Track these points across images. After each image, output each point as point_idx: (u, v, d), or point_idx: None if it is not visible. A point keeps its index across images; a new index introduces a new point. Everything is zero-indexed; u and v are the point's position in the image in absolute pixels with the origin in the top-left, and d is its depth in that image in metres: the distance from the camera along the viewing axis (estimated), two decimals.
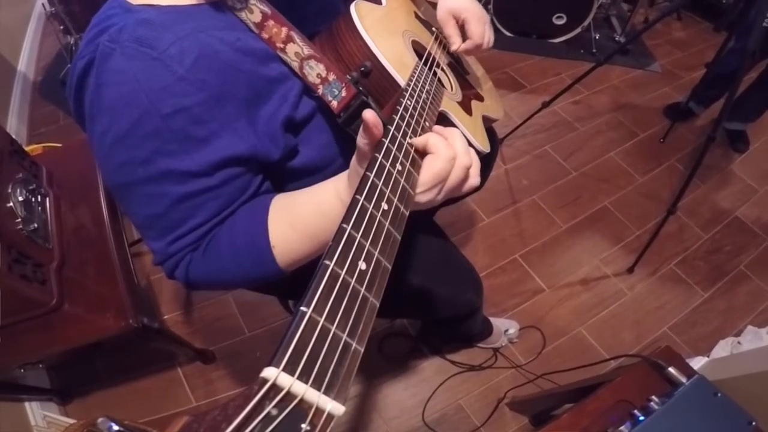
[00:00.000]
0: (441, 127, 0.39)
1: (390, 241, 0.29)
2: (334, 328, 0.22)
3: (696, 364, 1.05)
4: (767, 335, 1.08)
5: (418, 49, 0.59)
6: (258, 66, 0.44)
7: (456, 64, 0.72)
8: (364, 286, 0.25)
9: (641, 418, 0.56)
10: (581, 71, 1.41)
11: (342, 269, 0.24)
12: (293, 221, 0.43)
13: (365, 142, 0.35)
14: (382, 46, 0.49)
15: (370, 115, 0.33)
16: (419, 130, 0.38)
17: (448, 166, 0.36)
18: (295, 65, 0.46)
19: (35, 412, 1.01)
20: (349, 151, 0.51)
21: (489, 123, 0.69)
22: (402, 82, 0.48)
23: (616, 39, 2.05)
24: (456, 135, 0.37)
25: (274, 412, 0.18)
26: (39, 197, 0.84)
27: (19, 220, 0.74)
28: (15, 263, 0.69)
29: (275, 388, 0.18)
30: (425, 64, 0.54)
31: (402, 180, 0.33)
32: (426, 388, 1.13)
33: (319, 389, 0.20)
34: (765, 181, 1.63)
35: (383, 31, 0.52)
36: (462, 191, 0.38)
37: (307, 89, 0.48)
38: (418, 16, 0.67)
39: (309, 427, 0.19)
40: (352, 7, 0.50)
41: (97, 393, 1.10)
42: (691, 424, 0.56)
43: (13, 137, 0.87)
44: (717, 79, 1.53)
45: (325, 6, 0.55)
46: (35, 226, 0.78)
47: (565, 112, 1.78)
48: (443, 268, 0.78)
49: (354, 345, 0.22)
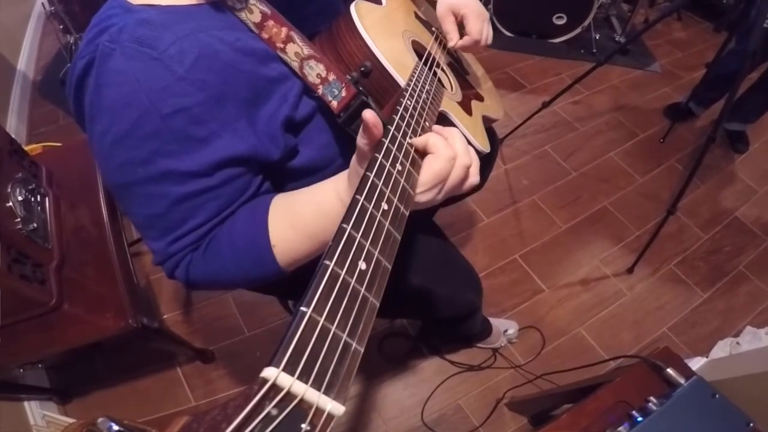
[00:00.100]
0: (440, 127, 0.39)
1: (390, 241, 0.29)
2: (334, 328, 0.22)
3: (695, 364, 1.05)
4: (766, 336, 1.08)
5: (418, 49, 0.59)
6: (258, 66, 0.44)
7: (456, 64, 0.72)
8: (364, 286, 0.25)
9: (639, 419, 0.56)
10: (581, 71, 1.41)
11: (342, 269, 0.24)
12: (293, 221, 0.43)
13: (365, 142, 0.35)
14: (382, 46, 0.49)
15: (369, 115, 0.33)
16: (419, 130, 0.38)
17: (449, 166, 0.36)
18: (295, 65, 0.46)
19: (35, 411, 1.01)
20: (349, 151, 0.52)
21: (489, 123, 0.69)
22: (402, 82, 0.48)
23: (617, 39, 2.05)
24: (456, 134, 0.38)
25: (274, 412, 0.18)
26: (38, 197, 0.84)
27: (18, 219, 0.74)
28: (14, 263, 0.69)
29: (275, 388, 0.18)
30: (425, 64, 0.54)
31: (402, 180, 0.33)
32: (425, 387, 1.13)
33: (319, 389, 0.20)
34: (765, 181, 1.63)
35: (383, 31, 0.52)
36: (462, 190, 0.39)
37: (307, 89, 0.48)
38: (418, 16, 0.67)
39: (309, 427, 0.19)
40: (352, 7, 0.50)
41: (97, 393, 1.10)
42: (689, 425, 0.56)
43: (12, 137, 0.87)
44: (717, 80, 1.53)
45: (325, 6, 0.55)
46: (34, 225, 0.78)
47: (565, 112, 1.78)
48: (443, 268, 0.78)
49: (354, 345, 0.22)
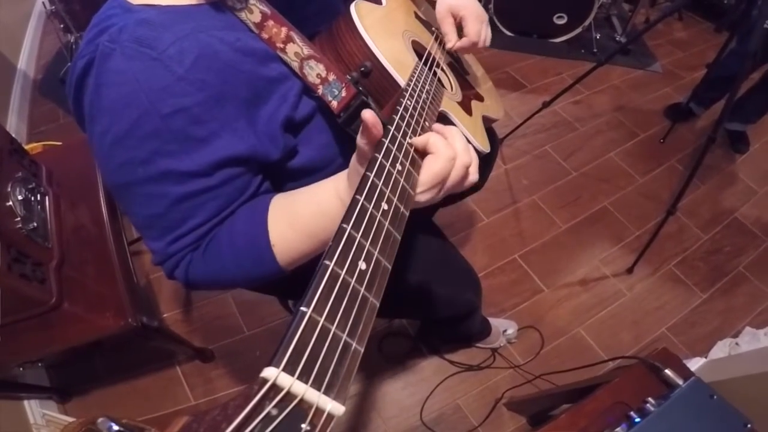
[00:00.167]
0: (441, 126, 0.40)
1: (390, 241, 0.29)
2: (334, 328, 0.22)
3: (694, 365, 1.05)
4: (765, 336, 1.08)
5: (418, 49, 0.59)
6: (258, 66, 0.44)
7: (456, 64, 0.72)
8: (364, 286, 0.25)
9: (637, 420, 0.56)
10: (582, 71, 1.41)
11: (342, 269, 0.24)
12: (293, 220, 0.43)
13: (365, 141, 0.35)
14: (382, 46, 0.49)
15: (369, 115, 0.34)
16: (419, 130, 0.38)
17: (449, 166, 0.36)
18: (295, 65, 0.46)
19: (34, 410, 1.01)
20: (348, 151, 0.51)
21: (489, 123, 0.69)
22: (402, 82, 0.48)
23: (617, 39, 2.05)
24: (455, 134, 0.38)
25: (274, 412, 0.18)
26: (38, 196, 0.84)
27: (18, 219, 0.74)
28: (14, 262, 0.69)
29: (275, 388, 0.18)
30: (425, 64, 0.54)
31: (402, 180, 0.33)
32: (424, 387, 1.13)
33: (319, 389, 0.20)
34: (765, 182, 1.63)
35: (383, 31, 0.52)
36: (462, 188, 0.39)
37: (307, 89, 0.48)
38: (418, 16, 0.67)
39: (309, 427, 0.19)
40: (352, 7, 0.50)
41: (97, 391, 1.10)
42: (687, 426, 0.56)
43: (12, 136, 0.87)
44: (718, 81, 1.53)
45: (325, 6, 0.55)
46: (34, 225, 0.78)
47: (566, 112, 1.77)
48: (442, 268, 0.78)
49: (354, 345, 0.22)
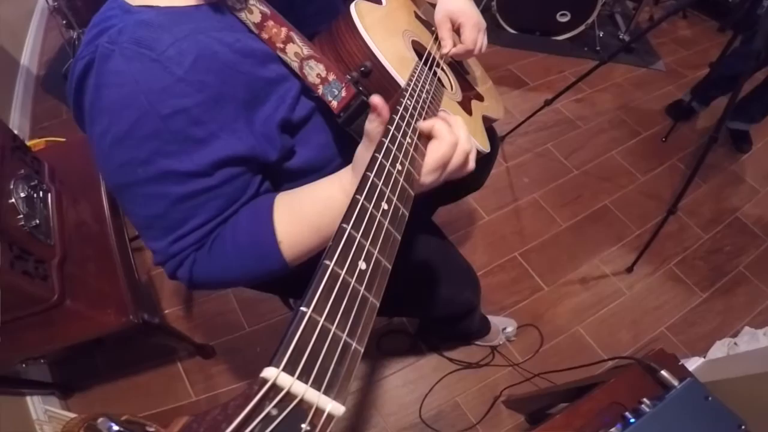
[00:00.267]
0: (445, 114, 0.42)
1: (390, 240, 0.29)
2: (334, 328, 0.22)
3: (692, 364, 1.05)
4: (764, 337, 1.08)
5: (418, 49, 0.59)
6: (257, 67, 0.44)
7: (456, 63, 0.72)
8: (364, 286, 0.25)
9: (632, 420, 0.57)
10: (585, 69, 1.41)
11: (342, 269, 0.24)
12: (298, 216, 0.43)
13: (374, 125, 0.38)
14: (382, 46, 0.49)
15: (377, 99, 0.37)
16: (419, 130, 0.39)
17: (451, 151, 0.38)
18: (295, 65, 0.46)
19: (37, 406, 1.02)
20: (347, 151, 0.52)
21: (489, 123, 0.69)
22: (402, 82, 0.48)
23: (621, 37, 2.03)
24: (458, 122, 0.40)
25: (274, 412, 0.18)
26: (41, 193, 0.84)
27: (21, 216, 0.75)
28: (17, 259, 0.69)
29: (275, 388, 0.18)
30: (425, 64, 0.54)
31: (402, 180, 0.33)
32: (423, 385, 1.14)
33: (319, 389, 0.20)
34: (766, 181, 1.62)
35: (383, 31, 0.52)
36: (461, 174, 0.41)
37: (306, 90, 0.48)
38: (418, 16, 0.67)
39: (309, 427, 0.19)
40: (352, 7, 0.50)
41: (98, 387, 1.11)
42: (681, 426, 0.56)
43: (15, 133, 0.87)
44: (722, 80, 1.52)
45: (324, 6, 0.55)
46: (37, 222, 0.78)
47: (568, 110, 1.77)
48: (441, 267, 0.78)
49: (354, 345, 0.23)
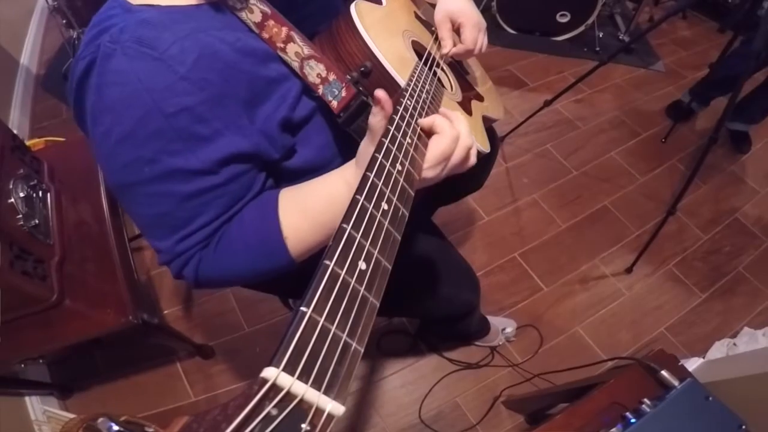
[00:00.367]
0: (446, 110, 0.42)
1: (390, 241, 0.29)
2: (334, 328, 0.22)
3: (692, 365, 1.05)
4: (763, 337, 1.08)
5: (418, 49, 0.59)
6: (258, 66, 0.44)
7: (456, 64, 0.72)
8: (364, 286, 0.25)
9: (632, 421, 0.57)
10: (584, 69, 1.41)
11: (342, 269, 0.24)
12: (304, 212, 0.44)
13: (378, 119, 0.38)
14: (382, 46, 0.49)
15: (381, 93, 0.37)
16: (419, 130, 0.39)
17: (453, 146, 0.39)
18: (296, 65, 0.46)
19: (35, 406, 1.01)
20: (347, 151, 0.52)
21: (489, 123, 0.69)
22: (402, 82, 0.48)
23: (620, 38, 2.04)
24: (459, 117, 0.40)
25: (274, 412, 0.18)
26: (40, 193, 0.84)
27: (20, 216, 0.74)
28: (16, 259, 0.69)
29: (275, 388, 0.18)
30: (425, 64, 0.54)
31: (402, 180, 0.33)
32: (423, 385, 1.14)
33: (319, 389, 0.20)
34: (766, 182, 1.63)
35: (383, 31, 0.52)
36: (462, 170, 0.41)
37: (307, 89, 0.48)
38: (418, 16, 0.67)
39: (309, 427, 0.19)
40: (352, 7, 0.50)
41: (97, 388, 1.11)
42: (682, 427, 0.57)
43: (14, 133, 0.87)
44: (722, 81, 1.52)
45: (324, 5, 0.55)
46: (36, 222, 0.78)
47: (567, 111, 1.77)
48: (441, 267, 0.78)
49: (354, 345, 0.23)
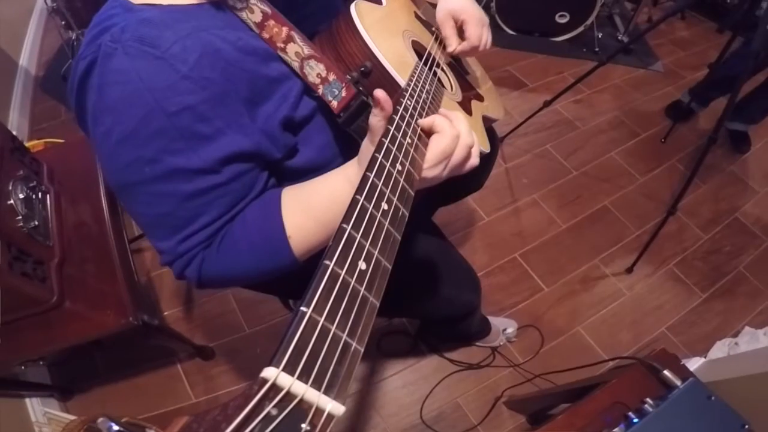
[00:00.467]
0: (446, 110, 0.42)
1: (390, 241, 0.29)
2: (334, 328, 0.22)
3: (693, 365, 1.05)
4: (764, 336, 1.08)
5: (418, 49, 0.59)
6: (259, 65, 0.44)
7: (456, 64, 0.72)
8: (364, 286, 0.25)
9: (635, 420, 0.57)
10: (583, 70, 1.41)
11: (342, 269, 0.24)
12: (307, 211, 0.44)
13: (378, 119, 0.38)
14: (382, 46, 0.49)
15: (380, 93, 0.37)
16: (419, 130, 0.39)
17: (453, 144, 0.39)
18: (296, 65, 0.46)
19: (36, 408, 1.01)
20: (348, 151, 0.52)
21: (489, 123, 0.69)
22: (402, 82, 0.48)
23: (619, 38, 2.04)
24: (459, 117, 0.40)
25: (274, 412, 0.18)
26: (40, 194, 0.84)
27: (19, 217, 0.74)
28: (15, 261, 0.69)
29: (275, 388, 0.18)
30: (425, 64, 0.54)
31: (402, 180, 0.33)
32: (424, 386, 1.14)
33: (319, 389, 0.20)
34: (766, 182, 1.63)
35: (383, 31, 0.52)
36: (464, 170, 0.41)
37: (308, 89, 0.48)
38: (418, 16, 0.67)
39: (309, 427, 0.19)
40: (352, 7, 0.50)
41: (98, 389, 1.10)
42: (685, 426, 0.56)
43: (14, 134, 0.87)
44: (722, 81, 1.52)
45: (325, 5, 0.55)
46: (36, 223, 0.78)
47: (567, 111, 1.77)
48: (441, 268, 0.78)
49: (354, 345, 0.23)
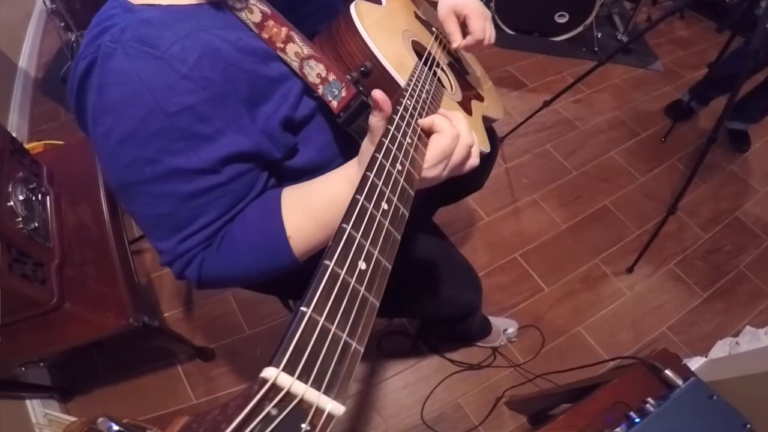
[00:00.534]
0: (445, 110, 0.42)
1: (390, 240, 0.29)
2: (334, 328, 0.22)
3: (694, 364, 1.05)
4: (765, 336, 1.08)
5: (418, 49, 0.59)
6: (259, 65, 0.44)
7: (456, 64, 0.72)
8: (364, 286, 0.25)
9: (637, 420, 0.57)
10: (583, 70, 1.41)
11: (342, 269, 0.24)
12: (307, 211, 0.44)
13: (377, 119, 0.38)
14: (382, 46, 0.49)
15: (378, 94, 0.37)
16: (419, 130, 0.39)
17: (453, 144, 0.38)
18: (295, 65, 0.46)
19: (36, 409, 1.01)
20: (348, 150, 0.52)
21: (489, 123, 0.69)
22: (402, 82, 0.48)
23: (619, 38, 2.04)
24: (459, 116, 0.40)
25: (274, 412, 0.18)
26: (39, 196, 0.84)
27: (19, 219, 0.74)
28: (15, 262, 0.69)
29: (275, 388, 0.18)
30: (425, 64, 0.54)
31: (402, 180, 0.33)
32: (425, 386, 1.14)
33: (319, 389, 0.20)
34: (766, 181, 1.63)
35: (383, 31, 0.52)
36: (464, 169, 0.41)
37: (308, 89, 0.48)
38: (418, 16, 0.67)
39: (309, 427, 0.19)
40: (352, 7, 0.50)
41: (98, 391, 1.10)
42: (686, 426, 0.56)
43: (13, 136, 0.87)
44: (723, 80, 1.52)
45: (324, 5, 0.55)
46: (36, 225, 0.78)
47: (567, 111, 1.77)
48: (442, 267, 0.78)
49: (354, 345, 0.23)
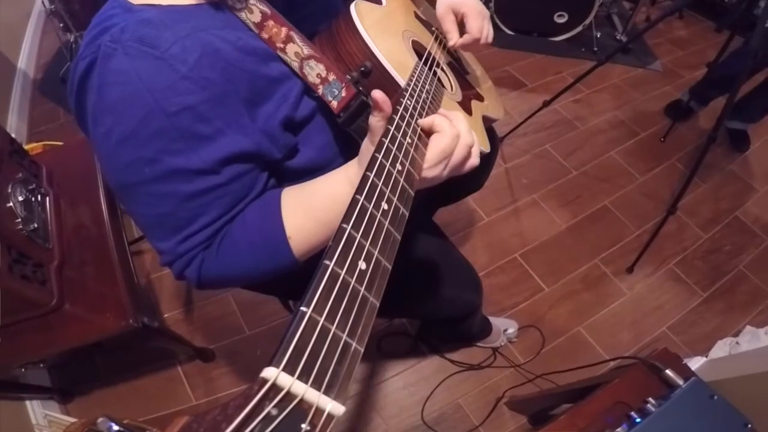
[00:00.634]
0: (445, 110, 0.42)
1: (390, 240, 0.29)
2: (334, 328, 0.22)
3: (694, 364, 1.05)
4: (765, 335, 1.08)
5: (418, 49, 0.59)
6: (259, 65, 0.44)
7: (456, 63, 0.72)
8: (364, 286, 0.25)
9: (638, 420, 0.56)
10: (582, 70, 1.41)
11: (342, 269, 0.24)
12: (307, 211, 0.44)
13: (377, 119, 0.38)
14: (382, 46, 0.49)
15: (378, 94, 0.37)
16: (419, 130, 0.39)
17: (453, 144, 0.38)
18: (295, 65, 0.46)
19: (36, 410, 1.01)
20: (348, 151, 0.52)
21: (489, 123, 0.69)
22: (402, 82, 0.48)
23: (618, 38, 2.04)
24: (459, 116, 0.40)
25: (274, 412, 0.18)
26: (39, 197, 0.84)
27: (19, 220, 0.74)
28: (15, 263, 0.69)
29: (275, 388, 0.18)
30: (425, 64, 0.54)
31: (402, 180, 0.33)
32: (425, 386, 1.13)
33: (319, 389, 0.20)
34: (765, 180, 1.63)
35: (383, 31, 0.52)
36: (464, 169, 0.41)
37: (308, 89, 0.48)
38: (418, 16, 0.67)
39: (309, 427, 0.19)
40: (352, 6, 0.50)
41: (98, 391, 1.10)
42: (687, 426, 0.56)
43: (13, 137, 0.87)
44: (722, 80, 1.52)
45: (324, 5, 0.55)
46: (35, 226, 0.78)
47: (566, 111, 1.77)
48: (442, 267, 0.78)
49: (354, 345, 0.23)
